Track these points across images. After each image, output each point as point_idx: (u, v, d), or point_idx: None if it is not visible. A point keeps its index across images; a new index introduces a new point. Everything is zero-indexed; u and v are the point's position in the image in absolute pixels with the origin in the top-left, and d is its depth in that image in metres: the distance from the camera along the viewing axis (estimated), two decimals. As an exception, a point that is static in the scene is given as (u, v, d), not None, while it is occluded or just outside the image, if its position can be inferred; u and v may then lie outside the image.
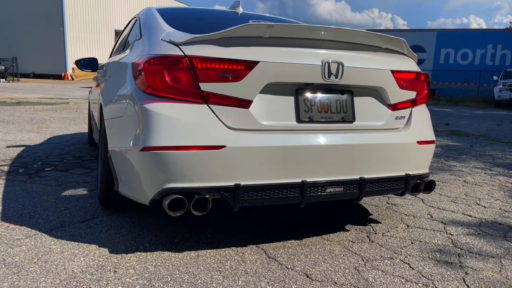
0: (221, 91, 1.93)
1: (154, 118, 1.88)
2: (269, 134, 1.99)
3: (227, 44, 1.94)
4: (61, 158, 4.47)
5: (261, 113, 1.99)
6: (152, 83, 1.91)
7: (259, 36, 1.96)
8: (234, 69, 1.92)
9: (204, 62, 1.90)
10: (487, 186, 3.87)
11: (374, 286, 1.81)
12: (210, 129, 1.90)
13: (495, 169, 4.72)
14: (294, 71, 2.01)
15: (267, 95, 2.00)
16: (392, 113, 2.31)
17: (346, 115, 2.18)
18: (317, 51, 2.06)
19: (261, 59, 1.95)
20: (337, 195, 2.12)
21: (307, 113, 2.08)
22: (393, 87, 2.28)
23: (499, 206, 3.20)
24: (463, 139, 7.43)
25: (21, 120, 8.12)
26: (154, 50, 2.02)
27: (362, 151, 2.15)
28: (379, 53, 2.26)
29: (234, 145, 1.89)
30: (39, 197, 2.95)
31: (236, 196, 1.90)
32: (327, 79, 2.06)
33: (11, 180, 3.43)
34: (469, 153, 5.85)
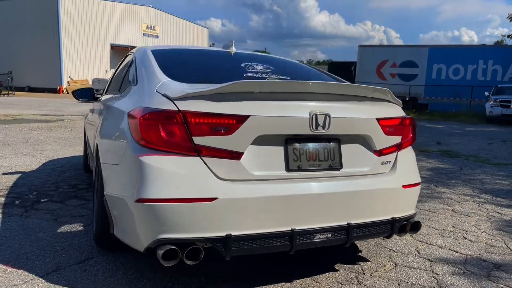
0: (213, 144, 2.01)
1: (149, 170, 1.97)
2: (260, 184, 2.07)
3: (219, 99, 2.03)
4: (57, 187, 4.53)
5: (252, 164, 2.07)
6: (147, 137, 2.00)
7: (250, 91, 2.06)
8: (226, 123, 2.01)
9: (198, 117, 1.99)
10: (475, 216, 3.96)
11: (360, 334, 1.88)
12: (202, 182, 1.98)
13: (483, 196, 4.82)
14: (283, 124, 2.11)
15: (257, 146, 2.09)
16: (378, 159, 2.40)
17: (334, 163, 2.27)
18: (305, 103, 2.16)
19: (252, 113, 2.04)
20: (325, 242, 2.20)
21: (296, 162, 2.17)
22: (379, 134, 2.38)
23: (485, 239, 3.29)
24: (453, 160, 7.56)
25: (16, 141, 8.16)
26: (150, 102, 2.11)
27: (349, 198, 2.24)
28: (365, 102, 2.36)
29: (226, 197, 1.97)
30: (35, 235, 3.01)
31: (228, 246, 1.98)
32: (315, 130, 2.16)
33: (8, 214, 3.48)
34: (458, 177, 5.96)
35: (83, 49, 36.26)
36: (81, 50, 36.15)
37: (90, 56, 36.90)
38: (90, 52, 36.83)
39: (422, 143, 10.20)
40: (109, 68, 38.45)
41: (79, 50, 35.95)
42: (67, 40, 34.99)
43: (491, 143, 10.59)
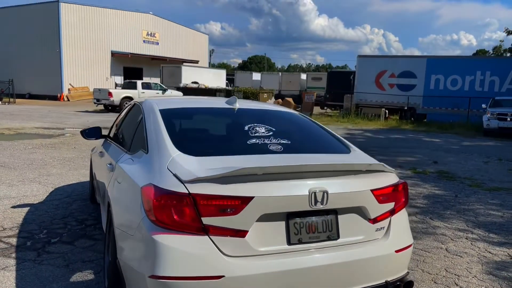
0: (221, 224, 2.20)
1: (162, 249, 2.15)
2: (264, 260, 2.25)
3: (226, 182, 2.21)
4: (65, 223, 4.70)
5: (256, 240, 2.26)
6: (160, 217, 2.18)
7: (254, 174, 2.24)
8: (232, 204, 2.20)
9: (206, 199, 2.18)
10: (467, 257, 4.14)
11: None
12: (210, 260, 2.16)
13: (476, 231, 5.00)
14: (285, 202, 2.29)
15: (261, 223, 2.27)
16: (372, 226, 2.59)
17: (332, 234, 2.45)
18: (304, 181, 2.35)
19: (256, 195, 2.22)
20: (324, 309, 2.38)
21: (297, 236, 2.36)
22: (373, 203, 2.57)
23: (475, 286, 3.47)
24: (449, 184, 7.74)
25: (21, 164, 8.33)
26: (162, 182, 2.29)
27: (345, 267, 2.42)
28: (360, 175, 2.55)
29: (232, 275, 2.16)
30: (49, 286, 3.19)
31: (236, 319, 2.16)
32: (314, 206, 2.34)
33: (21, 259, 3.66)
34: (453, 206, 6.15)
35: (84, 56, 36.49)
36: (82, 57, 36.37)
37: (91, 63, 37.12)
38: (91, 59, 37.05)
39: (419, 162, 10.40)
40: (109, 75, 38.68)
41: (79, 57, 36.18)
42: (68, 47, 35.20)
43: (487, 161, 10.78)
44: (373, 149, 12.73)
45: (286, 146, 2.85)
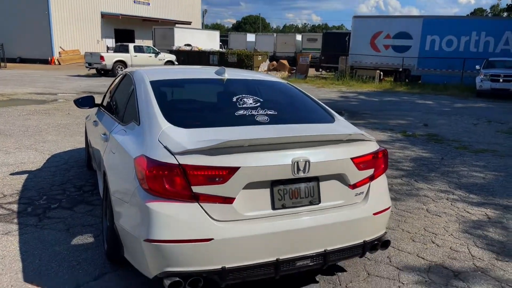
0: (209, 192, 2.37)
1: (155, 215, 2.33)
2: (250, 223, 2.44)
3: (213, 153, 2.37)
4: (63, 189, 4.88)
5: (242, 206, 2.44)
6: (153, 187, 2.35)
7: (240, 145, 2.39)
8: (220, 174, 2.36)
9: (195, 170, 2.34)
10: (446, 217, 4.39)
11: None
12: (200, 225, 2.35)
13: (457, 192, 5.25)
14: (269, 171, 2.46)
15: (247, 190, 2.45)
16: (352, 191, 2.77)
17: (313, 199, 2.64)
18: (287, 152, 2.50)
19: (242, 165, 2.38)
20: (305, 267, 2.60)
21: (281, 201, 2.54)
22: (353, 171, 2.74)
23: (450, 244, 3.73)
24: (437, 147, 7.96)
25: (16, 130, 8.42)
26: (153, 154, 2.43)
27: (326, 229, 2.62)
28: (340, 145, 2.71)
29: (221, 237, 2.35)
30: (52, 248, 3.39)
31: (223, 277, 2.38)
32: (296, 174, 2.51)
33: (23, 225, 3.86)
34: (438, 169, 6.38)
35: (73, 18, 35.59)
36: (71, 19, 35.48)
37: (81, 25, 36.26)
38: (81, 21, 36.17)
39: (410, 125, 10.58)
40: (100, 37, 37.90)
41: (69, 20, 35.29)
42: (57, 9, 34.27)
43: (476, 124, 10.98)
44: (365, 113, 12.87)
45: (272, 117, 2.98)
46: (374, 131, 9.60)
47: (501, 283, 3.07)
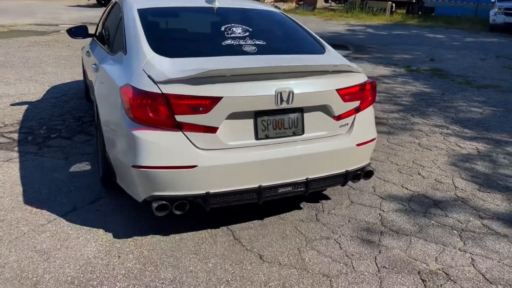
0: (193, 121, 2.42)
1: (140, 143, 2.41)
2: (233, 152, 2.52)
3: (196, 83, 2.39)
4: (63, 120, 4.98)
5: (226, 136, 2.51)
6: (137, 115, 2.40)
7: (222, 75, 2.41)
8: (203, 103, 2.40)
9: (178, 99, 2.38)
10: (436, 150, 4.47)
11: (307, 265, 2.49)
12: (185, 152, 2.43)
13: (452, 127, 5.28)
14: (252, 101, 2.49)
15: (231, 120, 2.50)
16: (336, 123, 2.81)
17: (297, 129, 2.69)
18: (271, 82, 2.51)
19: (224, 95, 2.41)
20: (288, 193, 2.72)
21: (264, 131, 2.60)
22: (338, 102, 2.76)
23: (435, 176, 3.83)
24: (440, 82, 7.85)
25: (17, 61, 8.40)
26: (137, 82, 2.46)
27: (308, 158, 2.70)
28: (326, 76, 2.70)
29: (204, 164, 2.44)
30: (51, 175, 3.55)
31: (207, 201, 2.51)
32: (280, 105, 2.54)
33: (23, 152, 4.00)
34: (437, 104, 6.35)
35: None
36: None
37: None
38: None
39: (416, 60, 10.36)
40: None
41: None
42: None
43: (484, 59, 10.72)
44: (371, 47, 12.54)
45: (261, 47, 2.95)
46: (377, 65, 9.44)
47: (478, 211, 3.20)
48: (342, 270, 2.46)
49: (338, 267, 2.49)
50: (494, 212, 3.20)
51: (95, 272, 2.36)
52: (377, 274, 2.43)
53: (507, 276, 2.46)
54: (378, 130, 5.01)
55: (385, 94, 6.91)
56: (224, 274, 2.38)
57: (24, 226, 2.77)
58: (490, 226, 2.99)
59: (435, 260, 2.58)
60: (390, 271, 2.46)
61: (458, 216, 3.12)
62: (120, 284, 2.26)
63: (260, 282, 2.33)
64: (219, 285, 2.29)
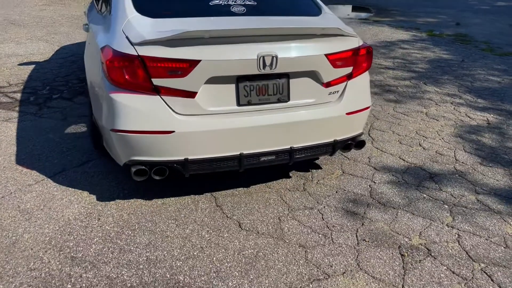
0: (170, 85, 2.35)
1: (117, 106, 2.37)
2: (212, 118, 2.45)
3: (173, 45, 2.30)
4: (67, 81, 5.00)
5: (206, 101, 2.43)
6: (114, 77, 2.35)
7: (201, 37, 2.30)
8: (180, 67, 2.32)
9: (154, 62, 2.30)
10: (443, 121, 4.27)
11: (285, 235, 2.46)
12: (162, 117, 2.38)
13: (465, 96, 5.02)
14: (232, 66, 2.39)
15: (211, 85, 2.41)
16: (325, 90, 2.69)
17: (282, 96, 2.59)
18: (253, 45, 2.40)
19: (203, 58, 2.32)
20: (270, 162, 2.66)
21: (246, 97, 2.51)
22: (327, 68, 2.62)
23: (437, 147, 3.68)
24: (461, 48, 7.46)
25: (31, 21, 8.42)
26: (115, 44, 2.39)
27: (293, 126, 2.61)
28: (314, 39, 2.55)
29: (182, 130, 2.39)
30: (46, 135, 3.59)
31: (185, 167, 2.47)
32: (263, 70, 2.43)
33: (24, 113, 4.05)
34: (454, 71, 6.05)
35: None
36: None
37: None
38: None
39: (440, 24, 9.85)
40: None
41: None
42: None
43: (514, 24, 10.08)
44: (395, 9, 11.98)
45: (251, 7, 2.81)
46: (397, 29, 9.03)
47: (475, 186, 3.07)
48: (320, 241, 2.42)
49: (317, 238, 2.44)
50: (492, 187, 3.06)
51: (73, 233, 2.39)
52: (355, 247, 2.38)
53: (492, 254, 2.36)
54: (385, 98, 4.84)
55: (400, 60, 6.61)
56: (200, 240, 2.38)
57: (12, 186, 2.82)
58: (484, 202, 2.87)
59: (419, 235, 2.50)
60: (369, 245, 2.40)
61: (453, 190, 3.00)
62: (95, 247, 2.29)
63: (234, 250, 2.31)
64: (192, 251, 2.29)
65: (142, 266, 2.16)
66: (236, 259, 2.25)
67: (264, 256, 2.28)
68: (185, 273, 2.13)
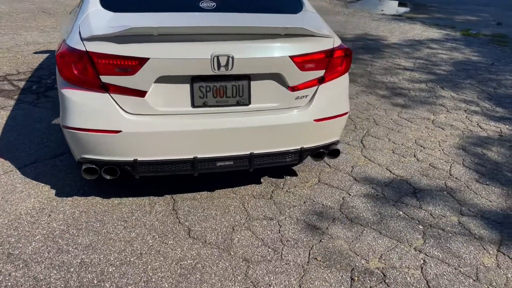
0: (119, 83, 2.26)
1: (68, 103, 2.31)
2: (164, 119, 2.34)
3: (122, 41, 2.20)
4: (73, 71, 5.05)
5: (157, 101, 2.32)
6: (64, 73, 2.29)
7: (150, 34, 2.19)
8: (128, 64, 2.22)
9: (102, 58, 2.21)
10: (449, 130, 3.94)
11: (232, 247, 2.32)
12: (109, 116, 2.29)
13: (483, 103, 4.62)
14: (184, 65, 2.26)
15: (162, 84, 2.30)
16: (291, 94, 2.50)
17: (242, 99, 2.43)
18: (206, 45, 2.25)
19: (151, 56, 2.21)
20: (228, 167, 2.52)
21: (202, 99, 2.38)
22: (293, 71, 2.43)
23: (433, 159, 3.38)
24: (495, 51, 6.91)
25: (62, 9, 8.69)
26: (69, 38, 2.34)
27: (253, 131, 2.45)
28: (277, 40, 2.37)
29: (129, 130, 2.30)
30: (34, 125, 3.63)
31: (135, 168, 2.39)
32: (217, 71, 2.29)
33: (21, 101, 4.13)
34: (479, 75, 5.60)
35: None
36: None
37: None
38: None
39: (480, 23, 9.20)
40: None
41: None
42: None
43: None
44: (433, 5, 11.34)
45: (222, 3, 2.66)
46: (429, 27, 8.51)
47: (462, 206, 2.78)
48: (268, 256, 2.26)
49: (265, 252, 2.29)
50: (481, 209, 2.76)
51: (19, 228, 2.37)
52: (304, 266, 2.20)
53: (457, 286, 2.11)
54: (392, 102, 4.55)
55: (423, 61, 6.21)
56: (142, 246, 2.29)
57: (-20, 175, 2.86)
58: (466, 225, 2.59)
59: (379, 258, 2.28)
60: (320, 264, 2.22)
61: (434, 209, 2.73)
62: (35, 244, 2.26)
63: (173, 259, 2.21)
64: (130, 257, 2.21)
65: (73, 269, 2.10)
66: (171, 269, 2.14)
67: (202, 268, 2.16)
68: (113, 281, 2.05)
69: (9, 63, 5.30)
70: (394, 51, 6.79)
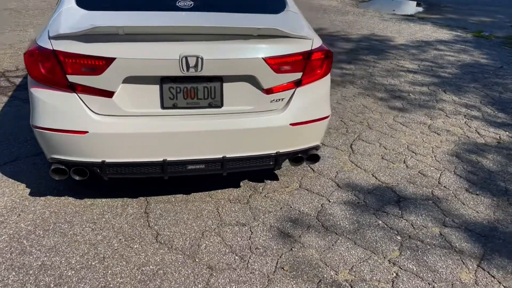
0: (86, 83, 2.22)
1: (36, 102, 2.28)
2: (132, 120, 2.29)
3: (88, 41, 2.16)
4: (70, 68, 5.07)
5: (125, 101, 2.27)
6: (31, 71, 2.26)
7: (115, 33, 2.14)
8: (94, 64, 2.18)
9: (68, 57, 2.17)
10: (445, 135, 3.80)
11: (198, 253, 2.25)
12: (76, 116, 2.25)
13: (485, 108, 4.45)
14: (152, 66, 2.20)
15: (131, 85, 2.25)
16: (266, 97, 2.42)
17: (214, 101, 2.36)
18: (174, 45, 2.19)
19: (118, 56, 2.16)
20: (200, 171, 2.45)
21: (172, 100, 2.32)
22: (267, 73, 2.35)
23: (423, 166, 3.26)
24: (506, 53, 6.69)
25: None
26: (39, 36, 2.31)
27: (226, 134, 2.38)
28: (251, 41, 2.29)
29: (96, 131, 2.25)
30: (21, 122, 3.63)
31: (103, 170, 2.34)
32: (186, 72, 2.22)
33: (13, 98, 4.15)
34: (485, 79, 5.41)
35: None
36: None
37: None
38: None
39: (494, 24, 8.92)
40: None
41: None
42: None
43: None
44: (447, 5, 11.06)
45: (200, 2, 2.59)
46: (440, 28, 8.29)
47: (446, 217, 2.66)
48: (233, 264, 2.19)
49: (231, 260, 2.22)
50: (466, 220, 2.64)
51: (-14, 227, 2.36)
52: (269, 276, 2.12)
53: (428, 303, 2.01)
54: (390, 105, 4.41)
55: (429, 63, 6.04)
56: (106, 249, 2.25)
57: (-42, 173, 2.86)
58: (448, 237, 2.47)
59: (349, 269, 2.19)
60: (286, 274, 2.14)
61: (416, 219, 2.62)
62: (0, 245, 2.24)
63: (135, 264, 2.16)
64: (91, 261, 2.16)
65: (31, 272, 2.07)
66: (131, 275, 2.09)
67: (163, 274, 2.10)
68: (70, 285, 2.01)
69: (10, 59, 5.35)
70: (399, 52, 6.62)
